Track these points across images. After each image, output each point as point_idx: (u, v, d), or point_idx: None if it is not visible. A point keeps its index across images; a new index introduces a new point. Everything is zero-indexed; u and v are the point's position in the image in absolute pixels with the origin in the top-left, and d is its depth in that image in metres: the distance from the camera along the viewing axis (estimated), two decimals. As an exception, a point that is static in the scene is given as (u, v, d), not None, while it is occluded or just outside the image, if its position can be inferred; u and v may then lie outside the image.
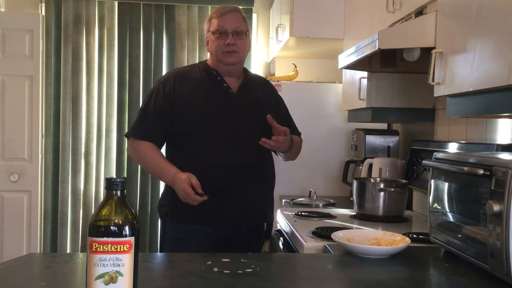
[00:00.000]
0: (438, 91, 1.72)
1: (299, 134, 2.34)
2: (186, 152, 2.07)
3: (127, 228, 1.04)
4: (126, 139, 2.19)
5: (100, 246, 1.02)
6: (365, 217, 2.31)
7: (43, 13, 3.95)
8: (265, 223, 2.19)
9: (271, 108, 2.19)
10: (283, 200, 2.94)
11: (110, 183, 1.06)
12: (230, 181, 2.02)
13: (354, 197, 2.39)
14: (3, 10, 3.94)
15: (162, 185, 4.00)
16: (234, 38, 2.07)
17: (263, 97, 2.21)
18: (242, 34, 2.10)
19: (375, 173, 2.70)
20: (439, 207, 1.58)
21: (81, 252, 3.92)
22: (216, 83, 2.12)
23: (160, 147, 2.15)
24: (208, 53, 2.19)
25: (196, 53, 4.01)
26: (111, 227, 1.03)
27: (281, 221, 2.39)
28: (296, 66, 3.64)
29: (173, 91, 2.08)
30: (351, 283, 1.40)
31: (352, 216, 2.38)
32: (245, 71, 2.21)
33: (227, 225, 2.07)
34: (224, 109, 2.09)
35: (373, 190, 2.31)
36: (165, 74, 2.22)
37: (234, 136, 2.06)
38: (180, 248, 1.99)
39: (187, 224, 2.06)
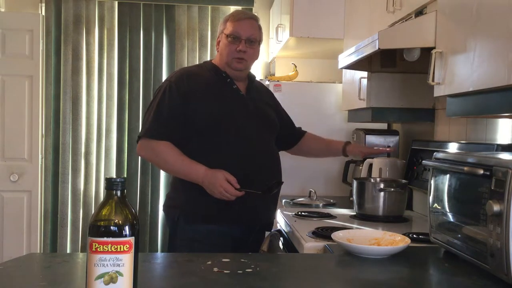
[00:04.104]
0: (438, 91, 1.72)
1: (299, 129, 2.48)
2: (198, 152, 2.06)
3: (127, 228, 1.04)
4: (137, 140, 2.11)
5: (100, 246, 1.02)
6: (365, 217, 2.31)
7: (43, 13, 3.95)
8: (271, 221, 2.22)
9: (273, 111, 2.29)
10: (283, 200, 2.94)
11: (110, 183, 1.06)
12: (244, 181, 2.02)
13: (354, 197, 2.39)
14: (3, 10, 3.94)
15: (162, 185, 4.05)
16: (246, 46, 2.09)
17: (265, 99, 2.29)
18: (255, 43, 2.13)
19: (375, 173, 2.70)
20: (439, 207, 1.58)
21: (81, 252, 3.92)
22: (226, 85, 2.14)
23: None
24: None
25: (196, 53, 4.00)
26: (111, 227, 1.03)
27: (281, 221, 2.39)
28: (296, 66, 3.63)
29: (188, 90, 2.07)
30: (351, 283, 1.40)
31: (352, 216, 2.37)
32: (249, 74, 2.25)
33: (243, 224, 2.08)
34: (236, 109, 2.11)
35: (373, 190, 2.30)
36: (175, 73, 2.18)
37: (246, 136, 2.08)
38: (195, 249, 1.95)
39: (203, 225, 2.05)
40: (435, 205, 1.60)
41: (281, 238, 2.24)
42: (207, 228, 2.05)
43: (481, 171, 1.31)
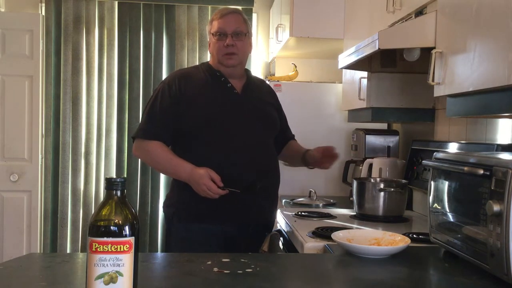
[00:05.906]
0: (438, 91, 1.72)
1: (293, 136, 2.43)
2: (192, 152, 2.07)
3: (127, 228, 1.04)
4: (132, 140, 2.17)
5: (100, 246, 1.02)
6: (365, 217, 2.31)
7: (43, 13, 3.95)
8: (268, 221, 2.20)
9: (273, 109, 2.26)
10: (283, 200, 2.94)
11: (110, 183, 1.06)
12: (238, 180, 2.02)
13: (354, 197, 2.39)
14: (3, 10, 3.94)
15: (162, 185, 4.05)
16: (234, 40, 2.09)
17: (265, 98, 2.26)
18: (242, 35, 2.12)
19: (375, 173, 2.70)
20: (439, 207, 1.58)
21: (81, 252, 3.92)
22: (220, 84, 2.13)
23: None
24: (209, 53, 2.22)
25: (196, 53, 4.01)
26: (111, 227, 1.03)
27: (281, 221, 2.39)
28: (296, 66, 3.64)
29: (179, 91, 2.09)
30: (351, 283, 1.40)
31: (352, 216, 2.38)
32: (247, 72, 2.24)
33: (236, 224, 2.08)
34: (230, 109, 2.11)
35: (373, 190, 2.30)
36: (169, 75, 2.23)
37: (240, 135, 2.08)
38: (188, 248, 1.97)
39: (196, 223, 2.06)
40: (435, 205, 1.60)
41: (281, 238, 2.24)
42: (200, 227, 2.05)
43: (481, 171, 1.31)
